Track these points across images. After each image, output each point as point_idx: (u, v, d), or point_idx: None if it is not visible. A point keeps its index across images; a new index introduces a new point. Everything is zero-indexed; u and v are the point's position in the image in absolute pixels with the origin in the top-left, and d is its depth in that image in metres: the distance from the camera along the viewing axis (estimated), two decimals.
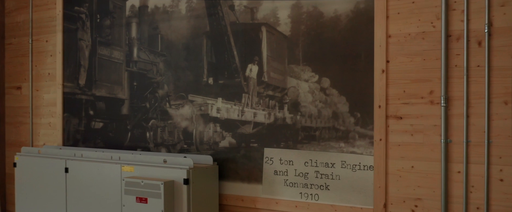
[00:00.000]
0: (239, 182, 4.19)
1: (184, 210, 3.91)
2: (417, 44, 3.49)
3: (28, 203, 4.87)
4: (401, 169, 3.56)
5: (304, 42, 3.91)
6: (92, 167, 4.40)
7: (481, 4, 3.29)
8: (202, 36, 4.39)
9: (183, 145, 4.49)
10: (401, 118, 3.55)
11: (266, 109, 4.07)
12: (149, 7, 4.68)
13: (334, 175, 3.80)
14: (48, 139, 5.41)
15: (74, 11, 5.16)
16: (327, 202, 3.82)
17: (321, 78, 3.85)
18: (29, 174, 4.86)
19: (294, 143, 3.96)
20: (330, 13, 3.80)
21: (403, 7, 3.53)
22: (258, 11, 4.11)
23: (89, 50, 5.06)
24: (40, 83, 5.46)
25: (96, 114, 5.05)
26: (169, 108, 4.57)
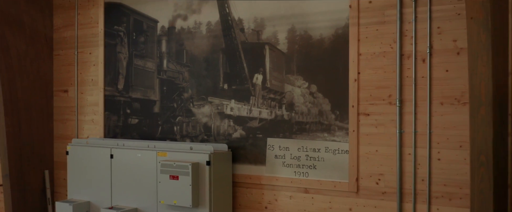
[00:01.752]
0: (247, 164, 5.45)
1: (206, 185, 5.16)
2: (380, 61, 4.75)
3: (78, 184, 6.13)
4: (369, 152, 4.82)
5: (297, 58, 5.17)
6: (133, 153, 5.65)
7: (424, 32, 4.55)
8: (219, 52, 5.65)
9: (203, 136, 5.76)
10: (368, 114, 4.81)
11: (269, 108, 5.33)
12: (176, 28, 5.94)
13: (320, 158, 5.06)
14: (91, 133, 6.67)
15: (113, 30, 6.42)
16: (314, 178, 5.08)
17: (310, 85, 5.11)
18: (79, 160, 6.12)
19: (290, 134, 5.22)
20: (317, 36, 5.06)
21: (370, 33, 4.79)
22: (262, 33, 5.37)
23: (126, 61, 6.32)
24: (84, 87, 6.71)
25: (132, 112, 6.31)
26: (193, 107, 5.83)
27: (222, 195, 5.32)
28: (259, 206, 5.40)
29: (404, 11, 4.64)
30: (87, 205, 6.02)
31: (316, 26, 5.06)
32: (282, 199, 5.28)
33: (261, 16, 5.36)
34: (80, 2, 6.71)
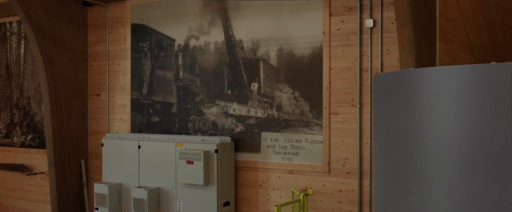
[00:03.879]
0: (246, 152, 7.03)
1: (215, 168, 6.74)
2: (345, 74, 6.33)
3: (112, 169, 7.70)
4: (337, 142, 6.40)
5: (284, 70, 6.75)
6: (156, 144, 7.23)
7: (377, 53, 6.13)
8: (224, 65, 7.23)
9: (212, 131, 7.34)
10: (337, 114, 6.39)
11: (262, 109, 6.92)
12: (190, 46, 7.52)
13: (301, 147, 6.64)
14: (120, 129, 8.25)
15: (139, 46, 8.00)
16: (297, 162, 6.67)
17: (294, 91, 6.69)
18: (112, 150, 7.69)
19: (279, 128, 6.80)
20: (299, 54, 6.65)
21: (338, 53, 6.37)
22: (258, 51, 6.95)
23: (149, 71, 7.90)
24: (114, 92, 8.29)
25: (154, 112, 7.89)
26: (203, 108, 7.41)
27: (227, 176, 6.91)
28: (255, 185, 6.99)
29: (363, 37, 6.22)
30: (119, 185, 7.60)
31: (299, 46, 6.65)
32: (273, 179, 6.87)
33: (257, 38, 6.95)
34: (111, 23, 8.29)
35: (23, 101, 9.33)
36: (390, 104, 2.31)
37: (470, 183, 1.98)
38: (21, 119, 9.38)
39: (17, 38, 9.39)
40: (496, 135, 1.94)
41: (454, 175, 2.00)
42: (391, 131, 2.35)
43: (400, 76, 2.29)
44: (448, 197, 2.01)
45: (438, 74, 2.13)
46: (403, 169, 2.23)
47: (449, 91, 2.00)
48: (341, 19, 6.35)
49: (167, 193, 7.13)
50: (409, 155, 2.20)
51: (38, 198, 9.22)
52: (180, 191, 7.00)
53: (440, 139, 2.06)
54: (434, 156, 2.08)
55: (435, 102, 2.04)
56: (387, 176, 2.35)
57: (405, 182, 2.22)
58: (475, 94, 1.95)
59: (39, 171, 9.15)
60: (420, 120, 2.13)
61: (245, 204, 7.08)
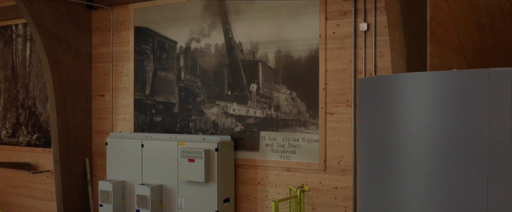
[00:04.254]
0: (245, 151, 7.30)
1: (215, 166, 7.01)
2: (340, 75, 6.60)
3: (116, 168, 7.97)
4: (333, 141, 6.67)
5: (282, 72, 7.02)
6: (159, 143, 7.50)
7: (371, 55, 6.40)
8: (224, 67, 7.50)
9: (212, 130, 7.61)
10: (333, 114, 6.66)
11: (261, 109, 7.18)
12: (191, 48, 7.79)
13: (298, 145, 6.91)
14: (123, 128, 8.52)
15: (142, 48, 8.27)
16: (294, 160, 6.93)
17: (292, 92, 6.96)
18: (116, 149, 7.96)
19: (277, 128, 7.07)
20: (296, 56, 6.92)
21: (333, 55, 6.64)
22: (256, 53, 7.22)
23: (152, 73, 8.17)
24: (118, 93, 8.56)
25: (156, 112, 8.16)
26: (204, 108, 7.68)
27: (227, 173, 7.18)
28: (254, 182, 7.26)
29: (357, 40, 6.49)
30: (122, 183, 7.87)
31: (296, 49, 6.92)
32: (271, 176, 7.14)
33: (256, 40, 7.22)
34: (115, 26, 8.56)
35: (28, 101, 9.59)
36: (371, 106, 2.58)
37: (438, 174, 2.23)
38: (27, 119, 9.65)
39: (22, 40, 9.66)
40: (458, 133, 2.20)
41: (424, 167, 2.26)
42: (372, 130, 2.61)
43: (379, 81, 2.56)
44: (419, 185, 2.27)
45: (409, 79, 2.40)
46: (382, 164, 2.50)
47: (418, 94, 2.26)
48: (336, 23, 6.62)
49: (169, 190, 7.40)
50: (386, 151, 2.46)
51: (44, 195, 9.49)
52: (182, 188, 7.27)
53: (412, 136, 2.32)
54: (407, 151, 2.33)
55: (407, 103, 2.29)
56: (369, 171, 2.61)
57: (383, 175, 2.48)
58: (440, 97, 2.20)
59: (44, 169, 9.42)
60: (395, 119, 2.39)
61: (244, 201, 7.35)
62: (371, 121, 2.64)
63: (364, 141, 2.75)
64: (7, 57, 9.90)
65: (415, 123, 2.32)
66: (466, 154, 2.15)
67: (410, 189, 2.31)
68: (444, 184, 2.20)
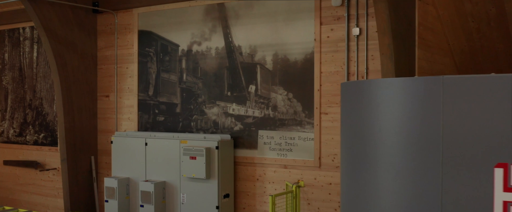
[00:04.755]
0: (244, 149, 7.67)
1: (216, 163, 7.38)
2: (334, 77, 6.97)
3: (121, 165, 8.34)
4: (327, 139, 7.04)
5: (279, 74, 7.39)
6: (162, 141, 7.87)
7: (363, 58, 6.77)
8: (224, 69, 7.87)
9: (213, 129, 7.98)
10: (327, 113, 7.03)
11: (259, 109, 7.56)
12: (193, 51, 8.16)
13: (294, 143, 7.28)
14: (127, 127, 8.89)
15: (145, 51, 8.64)
16: (291, 157, 7.31)
17: (288, 93, 7.33)
18: (121, 147, 8.33)
19: (274, 127, 7.44)
20: (293, 59, 7.29)
21: (328, 58, 7.01)
22: (255, 56, 7.59)
23: (155, 74, 8.55)
24: (122, 93, 8.93)
25: (159, 112, 8.53)
26: (205, 108, 8.05)
27: (226, 170, 7.55)
28: (253, 178, 7.64)
29: (350, 44, 6.87)
30: (127, 179, 8.24)
31: (292, 52, 7.29)
32: (269, 173, 7.51)
33: (254, 44, 7.59)
34: (119, 29, 8.93)
35: (35, 102, 9.96)
36: (351, 107, 2.94)
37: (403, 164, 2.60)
38: (34, 119, 10.02)
39: (30, 42, 10.03)
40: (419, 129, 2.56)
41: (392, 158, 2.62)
42: (351, 127, 2.98)
43: (357, 85, 2.93)
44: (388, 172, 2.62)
45: (380, 84, 2.77)
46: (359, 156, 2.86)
47: (387, 97, 2.62)
48: (330, 28, 6.99)
49: (172, 186, 7.77)
50: (362, 145, 2.83)
51: (50, 192, 9.85)
52: (184, 184, 7.64)
53: (382, 133, 2.68)
54: (379, 145, 2.70)
55: (378, 105, 2.65)
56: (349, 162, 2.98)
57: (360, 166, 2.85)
58: (403, 100, 2.56)
59: (51, 167, 9.79)
60: (369, 119, 2.75)
61: (243, 196, 7.72)
62: (350, 120, 3.01)
63: (345, 136, 3.12)
64: (15, 59, 10.27)
65: (385, 121, 2.68)
66: (425, 147, 2.51)
67: (381, 176, 2.68)
68: (407, 171, 2.57)
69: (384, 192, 2.72)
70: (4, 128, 10.51)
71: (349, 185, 3.06)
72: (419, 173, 2.59)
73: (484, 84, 2.48)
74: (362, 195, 2.86)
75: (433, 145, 2.54)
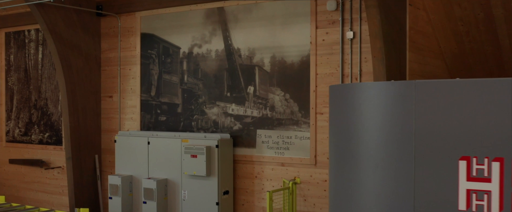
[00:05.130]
0: (243, 147, 7.98)
1: (216, 161, 7.68)
2: (329, 78, 7.28)
3: (124, 163, 8.64)
4: (322, 138, 7.35)
5: (277, 75, 7.70)
6: (164, 140, 8.17)
7: (356, 61, 7.08)
8: (224, 70, 8.18)
9: (213, 129, 8.29)
10: (322, 113, 7.34)
11: (258, 109, 7.86)
12: (193, 53, 8.47)
13: (291, 142, 7.59)
14: (130, 127, 9.20)
15: (147, 53, 8.95)
16: (288, 156, 7.61)
17: (285, 93, 7.64)
18: (124, 146, 8.63)
19: (272, 126, 7.75)
20: (290, 61, 7.60)
21: (323, 61, 7.32)
22: (253, 58, 7.90)
23: (157, 76, 8.85)
24: (125, 94, 9.24)
25: (161, 112, 8.83)
26: (205, 109, 8.36)
27: (226, 168, 7.86)
28: (251, 176, 7.95)
29: (344, 47, 7.18)
30: (130, 177, 8.55)
31: (289, 54, 7.60)
32: (267, 171, 7.82)
33: (253, 46, 7.90)
34: (122, 32, 9.24)
35: (41, 102, 10.27)
36: (337, 108, 3.24)
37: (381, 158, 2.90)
38: (39, 118, 10.32)
39: (35, 44, 10.33)
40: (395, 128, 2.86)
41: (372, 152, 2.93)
42: (337, 127, 3.28)
43: (342, 88, 3.24)
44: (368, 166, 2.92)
45: (361, 88, 3.07)
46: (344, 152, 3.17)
47: (367, 99, 2.92)
48: (325, 31, 7.30)
49: (173, 183, 8.08)
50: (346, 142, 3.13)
51: (55, 190, 10.16)
52: (185, 181, 7.95)
53: (364, 132, 2.98)
54: (361, 142, 3.00)
55: (360, 106, 2.96)
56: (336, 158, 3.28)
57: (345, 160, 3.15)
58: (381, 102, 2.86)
59: (55, 165, 10.09)
60: (352, 118, 3.05)
61: (242, 193, 8.03)
62: (337, 120, 3.31)
63: (332, 134, 3.43)
64: (20, 60, 10.57)
65: (366, 121, 2.98)
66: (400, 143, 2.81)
67: (363, 169, 2.98)
68: (385, 164, 2.87)
69: (366, 183, 3.03)
70: (10, 127, 10.81)
71: (336, 178, 3.37)
72: (395, 165, 2.90)
73: (451, 88, 2.79)
74: (347, 185, 3.17)
75: (406, 141, 2.85)
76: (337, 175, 3.40)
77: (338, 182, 3.36)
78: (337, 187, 3.36)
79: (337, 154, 3.40)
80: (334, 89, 3.54)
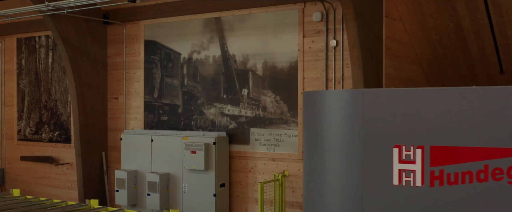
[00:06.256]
0: (238, 144, 8.81)
1: (213, 157, 8.51)
2: (315, 82, 8.11)
3: (129, 159, 9.46)
4: None
5: (268, 79, 8.53)
6: (166, 138, 9.00)
7: (339, 66, 7.91)
8: (221, 74, 9.01)
9: (211, 127, 9.12)
10: None
11: (251, 110, 8.70)
12: (193, 58, 9.30)
13: (281, 139, 8.42)
14: (135, 126, 10.02)
15: (151, 58, 9.77)
16: (278, 152, 8.45)
17: (276, 95, 8.48)
18: (129, 143, 9.45)
19: (264, 125, 8.58)
20: (280, 66, 8.43)
21: (309, 66, 8.15)
22: (247, 63, 8.74)
23: (159, 79, 9.68)
24: (130, 96, 10.06)
25: (163, 112, 9.66)
26: (204, 109, 9.19)
27: (222, 163, 8.69)
28: (245, 170, 8.78)
29: (329, 54, 8.01)
30: (135, 172, 9.37)
31: (279, 60, 8.44)
32: (259, 165, 8.66)
33: (246, 53, 8.74)
34: (127, 39, 10.07)
35: (51, 103, 11.08)
36: (308, 110, 4.05)
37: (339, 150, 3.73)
38: (49, 118, 11.13)
39: (45, 50, 11.15)
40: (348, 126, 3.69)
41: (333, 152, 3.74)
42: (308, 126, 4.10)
43: (311, 94, 4.06)
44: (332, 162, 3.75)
45: (324, 95, 3.90)
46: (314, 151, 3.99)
47: (328, 105, 3.73)
48: (312, 40, 8.14)
49: (175, 177, 8.91)
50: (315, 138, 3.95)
51: (64, 185, 10.97)
52: (186, 175, 8.77)
53: (327, 134, 3.80)
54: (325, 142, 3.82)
55: (324, 111, 3.77)
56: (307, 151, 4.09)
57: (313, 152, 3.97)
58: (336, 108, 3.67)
59: (65, 162, 10.90)
60: (319, 121, 3.86)
61: (237, 186, 8.87)
62: (307, 119, 4.14)
63: (305, 131, 4.26)
64: (31, 64, 11.39)
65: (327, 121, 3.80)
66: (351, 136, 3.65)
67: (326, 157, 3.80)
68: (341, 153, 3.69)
69: (328, 167, 3.85)
70: (21, 126, 11.62)
71: (308, 163, 4.20)
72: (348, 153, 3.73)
73: (388, 95, 3.64)
74: (315, 169, 4.00)
75: (356, 136, 3.68)
76: (308, 162, 4.24)
77: (309, 167, 4.20)
78: (309, 171, 4.20)
79: (308, 146, 4.25)
80: (306, 95, 4.39)
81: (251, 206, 8.73)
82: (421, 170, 3.32)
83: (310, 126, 4.22)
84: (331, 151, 3.84)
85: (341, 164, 3.79)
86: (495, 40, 7.58)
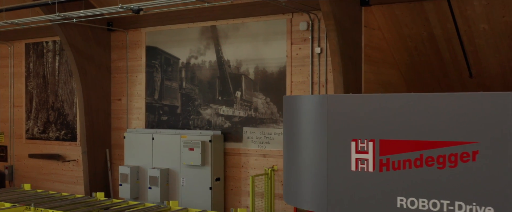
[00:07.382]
0: (232, 142, 9.63)
1: (209, 153, 9.32)
2: (302, 85, 8.94)
3: (132, 156, 10.26)
4: None
5: (260, 82, 9.35)
6: (166, 136, 9.80)
7: (323, 71, 8.73)
8: (216, 78, 9.82)
9: (207, 127, 9.93)
10: None
11: (244, 110, 9.52)
12: (191, 63, 10.11)
13: (272, 137, 9.24)
14: (137, 125, 10.82)
15: (151, 63, 10.58)
16: (268, 149, 9.26)
17: (266, 97, 9.30)
18: (132, 141, 10.25)
19: (256, 124, 9.40)
20: (270, 71, 9.25)
21: (296, 71, 8.97)
22: (240, 68, 9.55)
23: (160, 82, 10.49)
24: (132, 97, 10.86)
25: (163, 113, 10.47)
26: (200, 110, 10.01)
27: (218, 159, 9.51)
28: (238, 165, 9.60)
29: (314, 60, 8.84)
30: (137, 167, 10.17)
31: (269, 65, 9.26)
32: (251, 161, 9.48)
33: (240, 58, 9.56)
34: (130, 45, 10.87)
35: (57, 104, 11.87)
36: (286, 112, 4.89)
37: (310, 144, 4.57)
38: (56, 118, 11.92)
39: (52, 54, 11.94)
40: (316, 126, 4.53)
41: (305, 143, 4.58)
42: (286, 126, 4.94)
43: (289, 99, 4.89)
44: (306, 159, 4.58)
45: (298, 99, 4.71)
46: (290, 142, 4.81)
47: (300, 109, 4.54)
48: (299, 47, 8.97)
49: (174, 172, 9.72)
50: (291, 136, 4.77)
51: (70, 180, 11.75)
52: (184, 170, 9.59)
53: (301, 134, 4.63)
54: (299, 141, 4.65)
55: (298, 114, 4.58)
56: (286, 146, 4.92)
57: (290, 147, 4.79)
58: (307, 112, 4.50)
59: (71, 159, 11.68)
60: (294, 123, 4.69)
61: (231, 180, 9.69)
62: (286, 120, 4.97)
63: (284, 129, 5.10)
64: (39, 68, 12.17)
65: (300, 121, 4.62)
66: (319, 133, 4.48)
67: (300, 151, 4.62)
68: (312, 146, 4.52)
69: (301, 158, 4.68)
70: (29, 126, 12.40)
71: (286, 156, 5.03)
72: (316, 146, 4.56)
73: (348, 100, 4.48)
74: (292, 160, 4.83)
75: (323, 132, 4.50)
76: (286, 156, 5.09)
77: (287, 160, 5.04)
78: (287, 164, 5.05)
79: (286, 142, 5.10)
80: (285, 99, 5.25)
81: (244, 198, 9.55)
82: (372, 158, 4.16)
83: (287, 125, 5.05)
84: (303, 146, 4.66)
85: (311, 155, 4.62)
86: (463, 48, 8.39)
